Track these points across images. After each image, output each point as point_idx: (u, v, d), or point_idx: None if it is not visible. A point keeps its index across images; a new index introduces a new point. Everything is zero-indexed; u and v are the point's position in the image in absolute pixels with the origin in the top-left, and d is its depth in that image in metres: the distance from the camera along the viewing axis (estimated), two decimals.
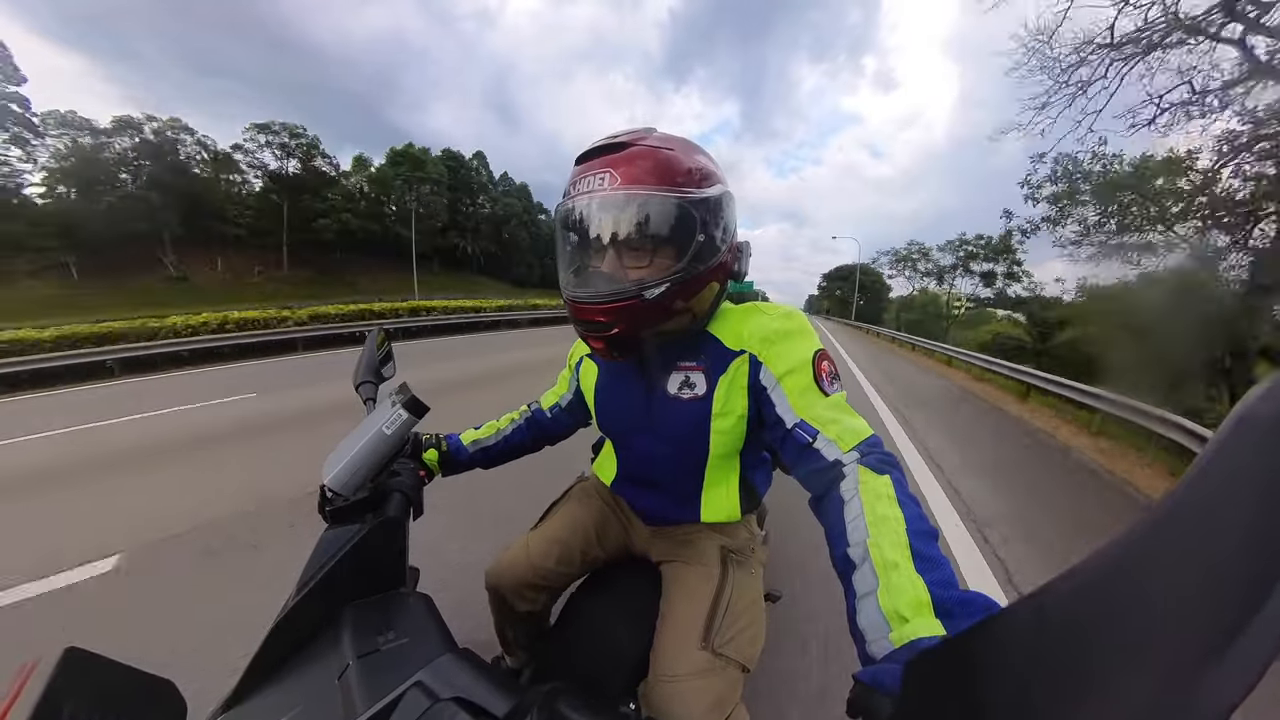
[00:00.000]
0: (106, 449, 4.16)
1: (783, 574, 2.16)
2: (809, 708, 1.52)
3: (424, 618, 0.65)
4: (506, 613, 1.07)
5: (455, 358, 9.22)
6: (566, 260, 0.78)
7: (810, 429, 0.66)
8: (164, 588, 2.16)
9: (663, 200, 0.68)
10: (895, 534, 0.47)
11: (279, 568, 2.22)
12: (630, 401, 0.89)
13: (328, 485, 0.70)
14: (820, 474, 0.62)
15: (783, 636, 1.77)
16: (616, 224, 0.69)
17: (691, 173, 0.71)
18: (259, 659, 0.59)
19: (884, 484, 0.54)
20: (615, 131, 0.75)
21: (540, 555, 1.02)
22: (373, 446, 0.72)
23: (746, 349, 0.78)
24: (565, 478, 1.26)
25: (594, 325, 0.72)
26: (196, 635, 1.81)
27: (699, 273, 0.72)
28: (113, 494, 3.19)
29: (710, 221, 0.72)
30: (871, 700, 0.33)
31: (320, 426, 4.59)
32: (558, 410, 1.09)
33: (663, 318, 0.73)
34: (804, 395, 0.70)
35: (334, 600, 0.66)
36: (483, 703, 0.48)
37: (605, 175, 0.68)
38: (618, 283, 0.70)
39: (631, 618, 0.92)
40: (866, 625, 0.42)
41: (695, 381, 0.81)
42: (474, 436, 1.03)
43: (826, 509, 0.57)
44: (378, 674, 0.55)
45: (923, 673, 0.28)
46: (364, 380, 0.88)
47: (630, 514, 1.07)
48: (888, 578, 0.43)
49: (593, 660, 0.89)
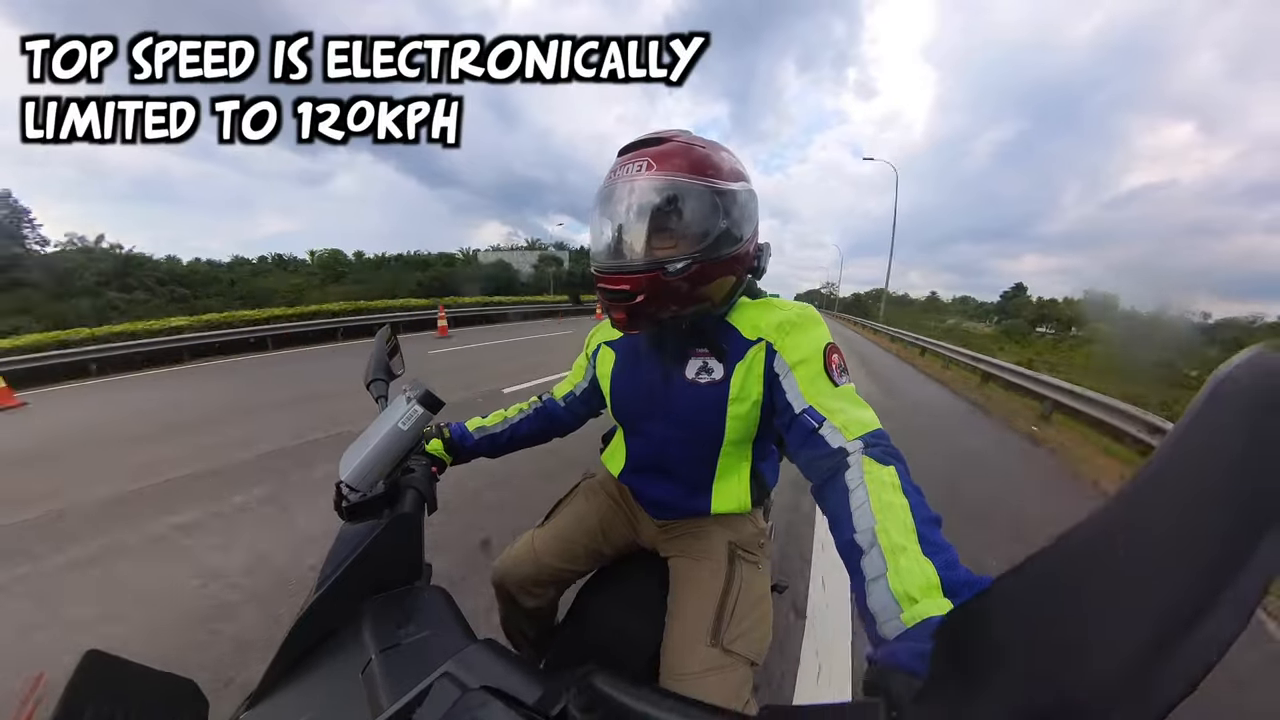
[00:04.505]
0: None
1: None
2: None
3: (443, 611, 0.65)
4: (514, 609, 1.07)
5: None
6: (600, 236, 0.83)
7: (817, 415, 0.68)
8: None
9: (691, 187, 0.74)
10: (902, 520, 0.48)
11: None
12: (647, 387, 0.90)
13: (345, 482, 0.70)
14: (823, 460, 0.63)
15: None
16: (648, 204, 0.75)
17: (719, 168, 0.77)
18: (280, 656, 0.58)
19: (889, 474, 0.55)
20: (656, 130, 0.83)
21: (546, 551, 1.03)
22: (389, 443, 0.72)
23: (763, 337, 0.81)
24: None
25: (618, 294, 0.77)
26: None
27: (719, 258, 0.77)
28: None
29: (732, 213, 0.78)
30: (892, 679, 0.33)
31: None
32: (572, 399, 1.09)
33: (681, 299, 0.77)
34: (814, 383, 0.72)
35: (353, 596, 0.66)
36: (513, 691, 0.48)
37: (645, 163, 0.76)
38: (643, 256, 0.76)
39: (641, 613, 0.92)
40: (877, 607, 0.43)
41: (713, 367, 0.84)
42: (480, 424, 1.03)
43: (830, 496, 0.58)
44: (401, 667, 0.55)
45: (949, 643, 0.29)
46: (375, 378, 0.87)
47: (637, 508, 1.07)
48: (896, 561, 0.44)
49: (603, 657, 0.89)
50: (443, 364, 7.85)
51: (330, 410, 4.94)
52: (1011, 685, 0.22)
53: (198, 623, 1.90)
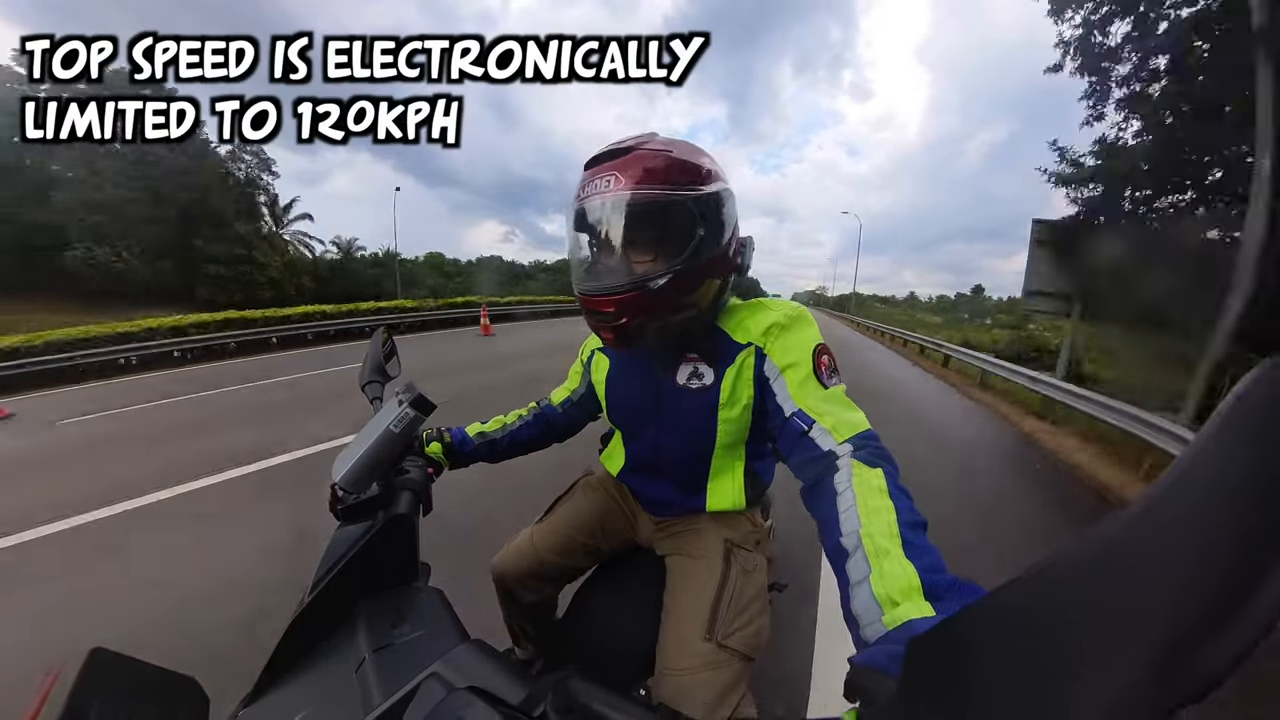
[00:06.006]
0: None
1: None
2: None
3: (437, 611, 0.66)
4: (513, 604, 1.08)
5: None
6: (577, 257, 0.82)
7: (807, 418, 0.68)
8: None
9: (664, 199, 0.72)
10: (887, 524, 0.48)
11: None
12: (640, 392, 0.92)
13: (338, 484, 0.71)
14: (813, 463, 0.64)
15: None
16: (622, 222, 0.74)
17: (691, 172, 0.75)
18: (277, 655, 0.60)
19: (876, 476, 0.55)
20: (621, 138, 0.80)
21: (544, 547, 1.04)
22: (381, 445, 0.72)
23: (753, 342, 0.81)
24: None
25: (603, 316, 0.76)
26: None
27: (700, 265, 0.76)
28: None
29: (710, 217, 0.76)
30: (869, 681, 0.33)
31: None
32: (569, 405, 1.10)
33: (668, 310, 0.76)
34: (803, 386, 0.73)
35: (348, 596, 0.67)
36: (497, 691, 0.49)
37: (611, 178, 0.73)
38: (623, 276, 0.75)
39: (639, 611, 0.93)
40: (860, 611, 0.43)
41: (703, 372, 0.84)
42: (480, 429, 1.04)
43: (818, 499, 0.59)
44: (394, 666, 0.56)
45: (922, 652, 0.29)
46: (370, 380, 0.88)
47: (635, 506, 1.09)
48: (879, 564, 0.44)
49: (602, 653, 0.91)
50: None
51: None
52: (984, 712, 0.22)
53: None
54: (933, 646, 0.28)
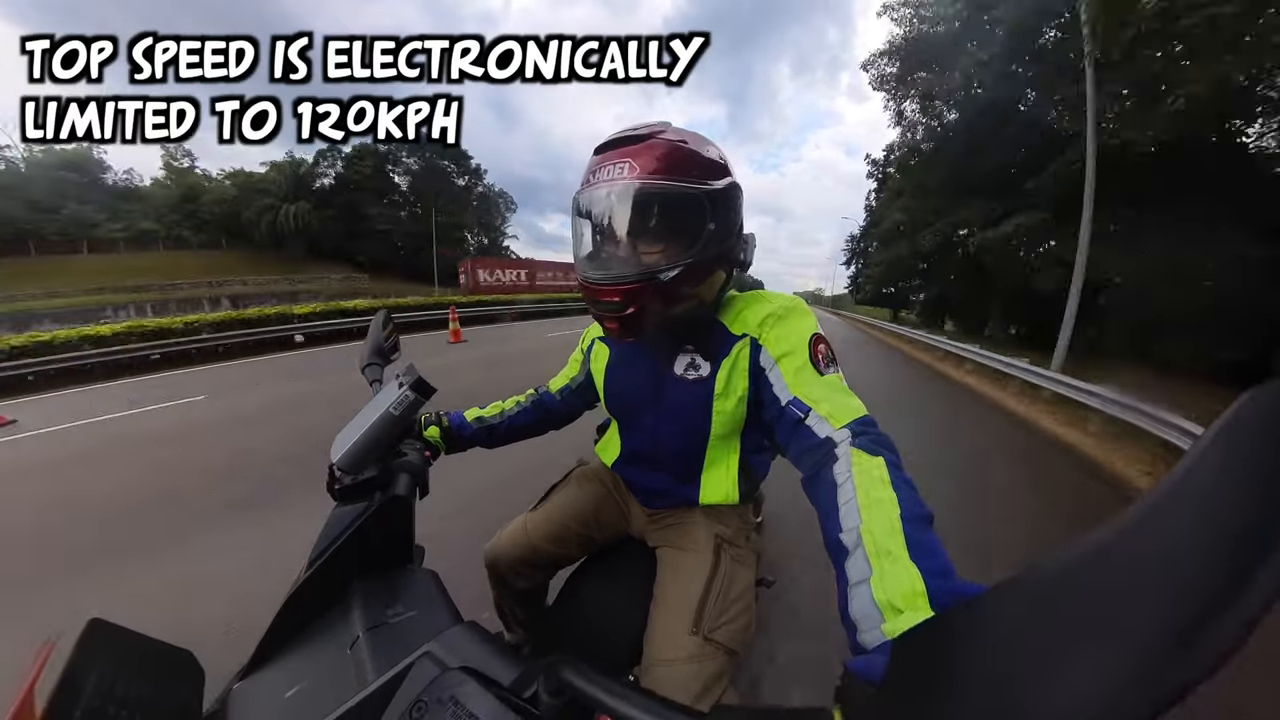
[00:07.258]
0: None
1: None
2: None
3: (431, 592, 0.67)
4: (505, 589, 1.09)
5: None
6: (583, 244, 0.81)
7: (803, 406, 0.67)
8: None
9: (678, 191, 0.71)
10: (889, 519, 0.46)
11: None
12: (639, 382, 0.92)
13: (336, 465, 0.71)
14: (811, 452, 0.62)
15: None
16: (633, 211, 0.72)
17: (705, 165, 0.75)
18: (272, 631, 0.60)
19: (877, 465, 0.53)
20: (634, 125, 0.77)
21: (537, 535, 1.04)
22: (380, 427, 0.73)
23: (748, 333, 0.81)
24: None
25: (608, 306, 0.75)
26: None
27: (708, 259, 0.75)
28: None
29: (720, 212, 0.75)
30: (860, 691, 0.32)
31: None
32: (567, 392, 1.11)
33: (673, 301, 0.75)
34: (799, 374, 0.72)
35: (343, 576, 0.67)
36: (490, 672, 0.50)
37: (625, 165, 0.71)
38: (632, 266, 0.73)
39: (627, 600, 0.94)
40: (859, 615, 0.40)
41: (700, 364, 0.84)
42: (478, 414, 1.05)
43: (818, 490, 0.57)
44: (387, 645, 0.56)
45: (907, 655, 0.28)
46: (370, 362, 0.88)
47: (629, 497, 1.09)
48: (881, 566, 0.42)
49: (590, 640, 0.91)
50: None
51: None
52: (965, 711, 0.22)
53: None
54: (918, 646, 0.28)
